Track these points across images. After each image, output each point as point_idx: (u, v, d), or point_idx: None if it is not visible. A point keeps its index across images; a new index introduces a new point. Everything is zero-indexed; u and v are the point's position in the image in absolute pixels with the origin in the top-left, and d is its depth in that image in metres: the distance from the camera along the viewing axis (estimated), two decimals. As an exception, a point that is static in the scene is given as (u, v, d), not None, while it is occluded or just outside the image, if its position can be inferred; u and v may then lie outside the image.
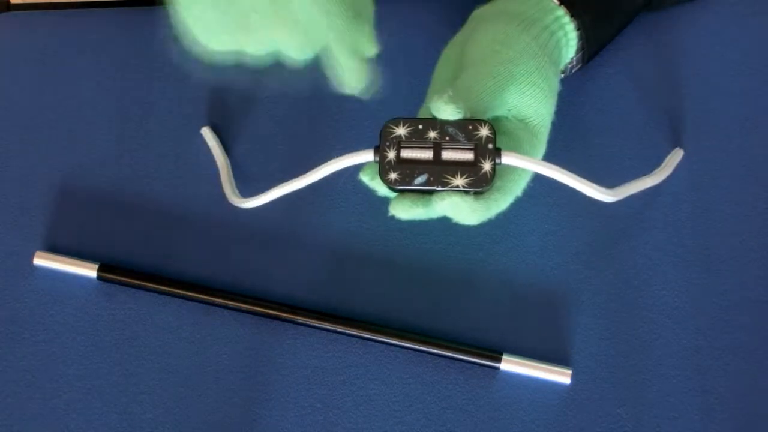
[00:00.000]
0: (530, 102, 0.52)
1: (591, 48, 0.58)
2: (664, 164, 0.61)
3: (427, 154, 0.48)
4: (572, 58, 0.58)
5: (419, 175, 0.48)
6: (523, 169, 0.51)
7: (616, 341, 0.58)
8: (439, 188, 0.48)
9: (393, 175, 0.48)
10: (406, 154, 0.48)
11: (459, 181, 0.48)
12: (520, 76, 0.52)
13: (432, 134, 0.48)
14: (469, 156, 0.48)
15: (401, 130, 0.49)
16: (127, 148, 0.65)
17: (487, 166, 0.48)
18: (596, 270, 0.60)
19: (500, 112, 0.52)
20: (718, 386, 0.57)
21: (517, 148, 0.51)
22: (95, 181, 0.65)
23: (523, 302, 0.60)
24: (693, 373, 0.57)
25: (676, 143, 0.63)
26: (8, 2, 0.69)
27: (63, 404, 0.59)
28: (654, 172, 0.60)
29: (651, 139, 0.63)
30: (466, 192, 0.48)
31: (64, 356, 0.60)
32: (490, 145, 0.48)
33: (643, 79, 0.65)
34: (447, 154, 0.48)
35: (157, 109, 0.66)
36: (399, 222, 0.60)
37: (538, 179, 0.52)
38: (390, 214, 0.49)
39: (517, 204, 0.62)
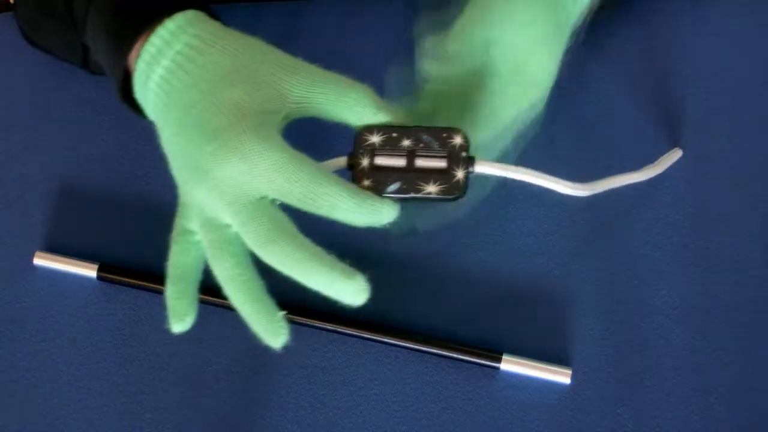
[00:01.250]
0: (523, 44, 0.51)
1: None
2: (658, 162, 0.60)
3: (401, 162, 0.48)
4: None
5: (392, 182, 0.48)
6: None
7: (616, 341, 0.58)
8: (412, 195, 0.48)
9: (366, 183, 0.48)
10: (379, 161, 0.48)
11: (431, 189, 0.48)
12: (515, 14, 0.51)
13: (406, 142, 0.48)
14: (442, 164, 0.48)
15: (375, 138, 0.49)
16: (127, 148, 0.65)
17: (459, 174, 0.48)
18: (596, 270, 0.60)
19: (493, 52, 0.52)
20: (718, 386, 0.57)
21: (500, 93, 0.50)
22: (95, 181, 0.65)
23: (523, 302, 0.60)
24: (693, 373, 0.57)
25: (675, 143, 0.63)
26: (8, 2, 0.69)
27: (63, 404, 0.59)
28: (644, 168, 0.59)
29: (650, 138, 0.63)
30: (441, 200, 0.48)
31: (64, 356, 0.60)
32: (464, 154, 0.48)
33: (643, 79, 0.65)
34: (420, 162, 0.48)
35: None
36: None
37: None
38: None
39: (518, 204, 0.62)
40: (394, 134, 0.49)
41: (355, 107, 0.49)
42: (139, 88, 0.52)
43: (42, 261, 0.62)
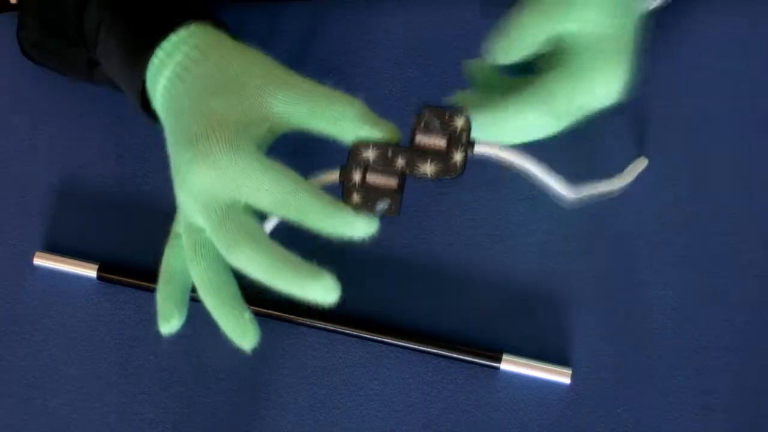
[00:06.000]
0: (596, 12, 0.51)
1: None
2: (626, 171, 0.60)
3: (392, 182, 0.48)
4: None
5: (381, 201, 0.48)
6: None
7: (616, 341, 0.58)
8: (395, 214, 0.48)
9: (355, 198, 0.48)
10: (371, 179, 0.48)
11: (428, 168, 0.48)
12: None
13: (400, 162, 0.48)
14: (441, 143, 0.48)
15: (369, 153, 0.48)
16: (127, 148, 0.65)
17: (458, 155, 0.48)
18: (596, 270, 0.60)
19: (568, 26, 0.51)
20: (718, 386, 0.57)
21: (583, 73, 0.50)
22: (95, 181, 0.65)
23: (523, 302, 0.60)
24: (693, 373, 0.57)
25: (675, 142, 0.63)
26: (8, 2, 0.69)
27: (63, 404, 0.59)
28: (615, 177, 0.59)
29: (650, 137, 0.63)
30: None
31: (64, 356, 0.60)
32: (464, 136, 0.48)
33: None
34: (420, 138, 0.48)
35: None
36: (399, 222, 0.60)
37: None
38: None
39: (518, 204, 0.62)
40: (390, 152, 0.48)
41: (339, 122, 0.49)
42: (151, 97, 0.54)
43: (42, 261, 0.62)
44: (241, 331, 0.48)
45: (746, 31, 0.66)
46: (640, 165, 0.61)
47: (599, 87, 0.51)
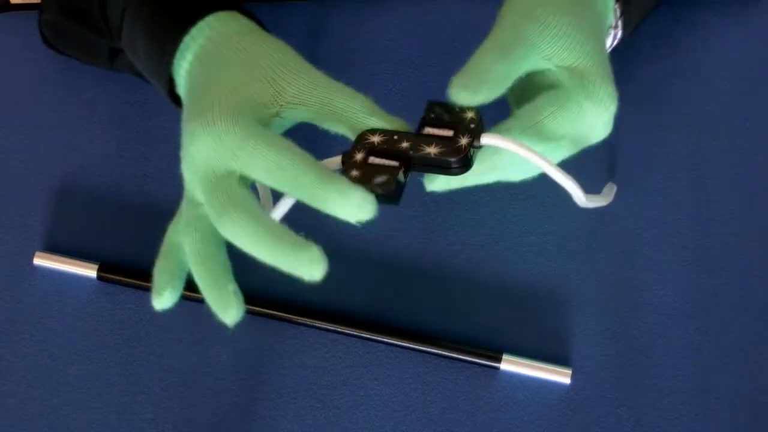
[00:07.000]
0: (566, 43, 0.49)
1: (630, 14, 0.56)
2: (602, 193, 0.59)
3: (394, 163, 0.47)
4: (615, 20, 0.55)
5: (381, 175, 0.46)
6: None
7: (616, 341, 0.58)
8: (400, 179, 0.46)
9: (354, 173, 0.46)
10: (374, 159, 0.47)
11: (432, 150, 0.46)
12: (544, 18, 0.49)
13: (405, 144, 0.47)
14: (448, 133, 0.47)
15: (375, 138, 0.47)
16: (127, 148, 0.65)
17: (463, 141, 0.46)
18: (596, 270, 0.60)
19: (538, 63, 0.49)
20: (718, 386, 0.57)
21: (568, 100, 0.48)
22: (95, 181, 0.65)
23: (523, 302, 0.60)
24: (693, 373, 0.57)
25: (675, 142, 0.63)
26: (8, 2, 0.69)
27: (63, 404, 0.59)
28: (596, 195, 0.57)
29: (650, 137, 0.63)
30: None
31: (64, 356, 0.60)
32: (472, 125, 0.47)
33: (637, 78, 0.65)
34: (427, 129, 0.47)
35: (158, 109, 0.66)
36: (399, 222, 0.60)
37: (538, 179, 0.52)
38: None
39: (517, 204, 0.62)
40: (395, 137, 0.47)
41: (348, 116, 0.49)
42: (176, 83, 0.54)
43: (42, 261, 0.62)
44: (223, 303, 0.47)
45: (746, 31, 0.66)
46: (611, 190, 0.60)
47: (590, 120, 0.49)
